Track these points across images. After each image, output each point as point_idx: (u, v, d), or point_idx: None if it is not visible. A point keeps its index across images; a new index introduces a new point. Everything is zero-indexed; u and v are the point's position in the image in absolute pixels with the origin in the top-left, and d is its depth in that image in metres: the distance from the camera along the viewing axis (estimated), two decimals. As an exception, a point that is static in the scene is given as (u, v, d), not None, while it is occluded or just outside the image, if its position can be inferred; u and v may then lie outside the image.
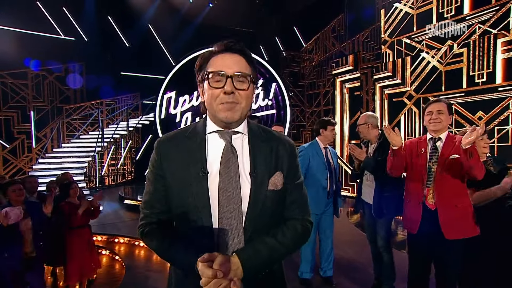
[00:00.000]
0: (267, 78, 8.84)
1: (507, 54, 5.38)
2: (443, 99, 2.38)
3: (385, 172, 2.67)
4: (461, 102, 5.99)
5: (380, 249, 2.91)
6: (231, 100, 1.09)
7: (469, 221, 2.25)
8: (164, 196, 1.17)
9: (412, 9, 7.12)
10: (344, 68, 8.47)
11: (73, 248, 3.42)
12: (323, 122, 3.39)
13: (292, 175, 1.19)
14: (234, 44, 1.15)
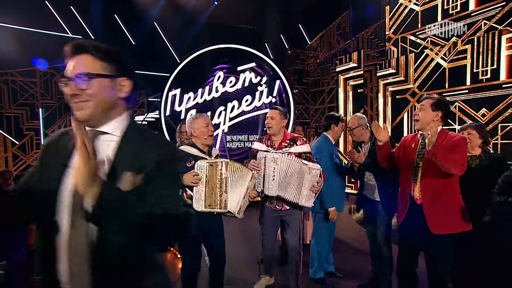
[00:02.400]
0: (271, 75, 8.88)
1: (510, 51, 5.35)
2: (431, 96, 2.42)
3: (385, 171, 2.74)
4: (464, 99, 5.98)
5: (379, 243, 2.97)
6: (77, 101, 1.16)
7: (457, 216, 2.29)
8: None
9: (417, 6, 7.10)
10: (348, 66, 8.48)
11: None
12: (335, 118, 3.47)
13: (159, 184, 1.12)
14: (76, 45, 1.21)
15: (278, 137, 2.97)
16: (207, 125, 2.66)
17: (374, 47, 9.43)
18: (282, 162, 2.71)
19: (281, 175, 2.71)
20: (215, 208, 2.43)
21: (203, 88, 8.97)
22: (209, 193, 2.43)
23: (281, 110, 3.00)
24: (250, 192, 2.66)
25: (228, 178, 2.45)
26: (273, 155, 2.77)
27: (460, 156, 2.21)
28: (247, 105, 8.91)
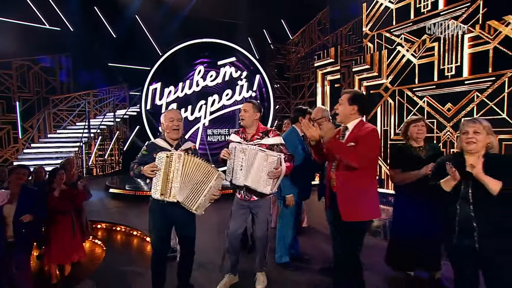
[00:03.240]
0: (251, 70, 9.07)
1: (473, 49, 5.70)
2: (349, 90, 2.55)
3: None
4: (432, 94, 6.32)
5: (338, 228, 3.21)
6: None
7: (366, 205, 2.40)
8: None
9: (392, 4, 7.39)
10: (326, 61, 8.74)
11: (53, 232, 3.68)
12: (302, 111, 3.63)
13: None
14: None
15: (251, 130, 3.07)
16: (172, 120, 2.73)
17: (352, 43, 9.75)
18: (250, 153, 2.83)
19: (247, 165, 2.83)
20: (166, 198, 2.55)
21: (184, 82, 9.09)
22: (163, 183, 2.55)
23: (254, 103, 3.09)
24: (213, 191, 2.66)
25: (181, 170, 2.54)
26: (242, 146, 2.89)
27: (360, 149, 2.30)
28: (227, 99, 9.10)
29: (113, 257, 4.25)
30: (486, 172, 2.04)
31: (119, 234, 5.25)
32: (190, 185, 2.59)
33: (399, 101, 6.92)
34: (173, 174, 2.55)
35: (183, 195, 2.58)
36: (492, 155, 2.15)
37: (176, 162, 2.55)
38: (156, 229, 2.78)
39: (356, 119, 2.49)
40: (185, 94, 9.06)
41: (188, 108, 9.06)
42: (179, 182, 2.55)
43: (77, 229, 3.90)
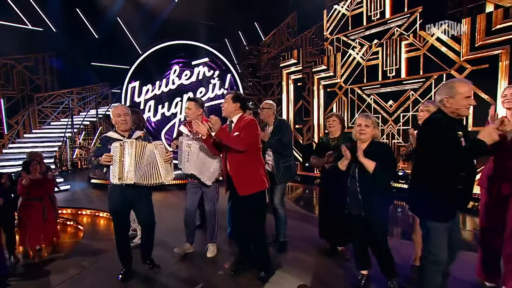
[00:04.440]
0: (223, 69, 9.38)
1: (408, 54, 6.23)
2: (232, 91, 2.97)
3: (281, 148, 3.43)
4: (377, 93, 6.84)
5: (276, 206, 3.62)
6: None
7: (255, 179, 2.85)
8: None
9: (348, 11, 7.83)
10: (290, 62, 9.15)
11: (25, 217, 3.90)
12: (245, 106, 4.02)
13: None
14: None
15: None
16: (119, 115, 2.87)
17: (315, 46, 10.18)
18: (194, 148, 3.18)
19: (193, 158, 3.18)
20: (123, 181, 2.74)
21: (161, 81, 9.34)
22: (120, 169, 2.71)
23: (197, 101, 3.41)
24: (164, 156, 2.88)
25: (133, 155, 2.74)
26: (188, 141, 3.22)
27: (244, 135, 2.73)
28: (201, 97, 9.38)
29: (91, 237, 4.53)
30: (371, 156, 2.51)
31: (98, 219, 5.54)
32: (143, 165, 2.80)
33: (351, 98, 7.42)
34: (127, 159, 2.75)
35: (138, 176, 2.78)
36: (376, 143, 2.63)
37: (128, 148, 2.75)
38: (116, 211, 2.93)
39: (238, 114, 2.91)
40: (162, 91, 9.32)
41: (165, 104, 9.32)
42: (134, 166, 2.75)
43: (49, 215, 4.08)
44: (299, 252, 3.53)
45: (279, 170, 3.52)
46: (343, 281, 2.92)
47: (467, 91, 2.13)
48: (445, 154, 2.09)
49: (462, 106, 2.13)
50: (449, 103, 2.16)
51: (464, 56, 5.40)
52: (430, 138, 2.19)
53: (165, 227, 4.07)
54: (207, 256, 3.48)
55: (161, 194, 6.72)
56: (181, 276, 3.09)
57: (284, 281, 2.93)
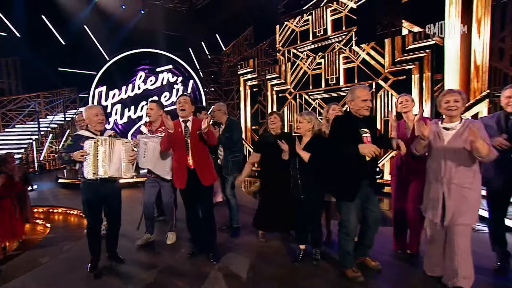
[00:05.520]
0: (186, 76, 9.34)
1: (345, 65, 6.66)
2: (188, 94, 3.14)
3: (231, 145, 3.55)
4: (322, 97, 7.22)
5: (228, 196, 3.75)
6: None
7: (213, 172, 3.10)
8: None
9: (296, 27, 8.16)
10: (247, 70, 9.33)
11: None
12: (199, 108, 4.09)
13: None
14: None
15: (156, 124, 3.41)
16: (97, 115, 2.83)
17: (269, 56, 10.48)
18: (150, 145, 3.20)
19: (149, 154, 3.22)
20: (98, 175, 2.70)
21: (127, 86, 9.07)
22: (94, 164, 2.68)
23: (158, 102, 3.44)
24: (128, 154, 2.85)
25: (108, 151, 2.73)
26: (144, 139, 3.24)
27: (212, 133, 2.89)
28: (165, 101, 9.25)
29: (56, 232, 4.36)
30: (312, 147, 2.79)
31: (63, 215, 5.30)
32: (115, 159, 2.80)
33: (299, 102, 7.75)
34: (101, 155, 2.72)
35: (112, 170, 2.76)
36: (316, 135, 2.87)
37: (102, 145, 2.73)
38: (90, 205, 2.86)
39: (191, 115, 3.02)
40: (128, 96, 9.06)
41: (131, 108, 9.07)
42: (108, 161, 2.74)
43: (18, 213, 3.92)
44: (249, 236, 3.68)
45: (228, 164, 3.65)
46: (284, 256, 3.12)
47: (364, 95, 2.46)
48: (333, 146, 2.49)
49: (361, 107, 2.46)
50: (351, 105, 2.51)
51: (387, 68, 5.91)
52: (331, 132, 2.58)
53: (130, 219, 4.03)
54: (167, 243, 3.52)
55: (130, 190, 6.57)
56: (143, 262, 3.11)
57: (234, 260, 3.06)
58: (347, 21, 6.90)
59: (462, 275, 2.26)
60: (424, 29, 5.48)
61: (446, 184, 2.30)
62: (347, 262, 2.62)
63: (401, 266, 2.82)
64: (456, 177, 2.26)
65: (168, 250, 3.37)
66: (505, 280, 2.56)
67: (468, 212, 2.24)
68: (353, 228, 2.55)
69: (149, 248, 3.43)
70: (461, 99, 2.27)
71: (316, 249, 2.97)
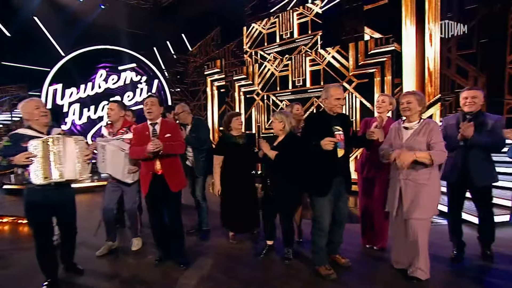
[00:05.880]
0: (151, 75, 8.95)
1: (312, 68, 6.81)
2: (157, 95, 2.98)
3: (199, 144, 3.42)
4: (289, 99, 7.30)
5: (197, 198, 3.61)
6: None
7: (182, 177, 2.91)
8: None
9: (264, 30, 8.18)
10: (214, 70, 9.19)
11: None
12: (168, 108, 3.92)
13: None
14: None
15: (118, 125, 3.12)
16: (38, 107, 2.47)
17: (236, 57, 10.42)
18: (109, 149, 2.93)
19: (108, 158, 2.94)
20: (52, 179, 2.37)
21: (86, 84, 8.46)
22: (44, 167, 2.34)
23: (119, 103, 3.17)
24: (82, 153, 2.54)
25: (62, 150, 2.41)
26: (102, 143, 2.97)
27: (178, 138, 2.77)
28: (129, 100, 8.79)
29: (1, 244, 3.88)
30: (284, 145, 2.81)
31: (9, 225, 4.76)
32: (70, 160, 2.48)
33: (267, 103, 7.77)
34: (54, 156, 2.38)
35: (68, 172, 2.46)
36: (289, 134, 2.88)
37: (55, 144, 2.40)
38: (39, 215, 2.46)
39: (160, 117, 2.83)
40: (87, 95, 8.45)
41: (91, 108, 8.47)
42: (62, 162, 2.43)
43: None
44: (220, 238, 3.57)
45: (198, 165, 3.52)
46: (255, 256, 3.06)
47: (337, 94, 2.53)
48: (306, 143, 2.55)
49: (334, 105, 2.52)
50: (325, 103, 2.57)
51: (351, 71, 6.13)
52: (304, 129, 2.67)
53: (88, 226, 3.71)
54: (132, 250, 3.29)
55: (88, 195, 6.10)
56: (105, 272, 2.86)
57: (204, 264, 2.94)
58: (313, 25, 7.06)
59: (419, 266, 2.38)
60: (385, 36, 5.76)
61: (403, 180, 2.42)
62: (320, 259, 2.65)
63: (370, 262, 2.90)
64: (411, 173, 2.37)
65: (133, 257, 3.15)
66: (460, 267, 2.73)
67: (423, 206, 2.33)
68: (326, 223, 2.59)
69: (112, 256, 3.18)
70: (414, 100, 2.40)
71: (288, 249, 2.95)
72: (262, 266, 2.88)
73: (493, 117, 2.65)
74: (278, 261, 2.93)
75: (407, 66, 5.54)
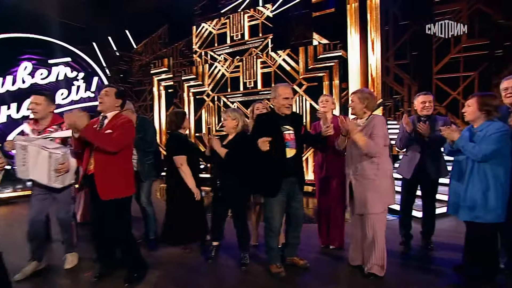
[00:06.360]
0: (89, 72, 8.08)
1: (263, 70, 6.82)
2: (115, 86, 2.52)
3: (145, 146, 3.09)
4: (240, 100, 7.20)
5: (143, 204, 3.25)
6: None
7: (122, 183, 2.32)
8: None
9: (214, 30, 7.97)
10: (161, 69, 8.69)
11: None
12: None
13: None
14: None
15: (45, 122, 2.64)
16: None
17: (185, 57, 10.01)
18: (32, 150, 2.42)
19: (30, 161, 2.43)
20: None
21: (4, 78, 7.23)
22: None
23: (47, 95, 2.66)
24: None
25: None
26: (23, 143, 2.44)
27: (117, 136, 2.23)
28: (62, 99, 7.80)
29: None
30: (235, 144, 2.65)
31: None
32: None
33: (217, 105, 7.56)
34: None
35: None
36: (241, 133, 2.76)
37: None
38: None
39: (115, 111, 2.39)
40: (6, 90, 7.23)
41: (11, 105, 7.27)
42: None
43: None
44: (170, 248, 3.23)
45: (144, 168, 3.16)
46: (210, 265, 2.84)
47: (285, 93, 2.49)
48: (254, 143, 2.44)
49: (282, 105, 2.47)
50: (274, 102, 2.52)
51: (301, 75, 6.27)
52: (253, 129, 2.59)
53: (10, 243, 3.08)
54: (65, 268, 2.79)
55: (7, 208, 5.19)
56: (28, 297, 2.36)
57: (153, 277, 2.61)
58: (263, 28, 7.08)
59: (374, 262, 2.40)
60: (332, 42, 6.01)
61: (353, 176, 2.47)
62: (271, 257, 2.61)
63: (328, 261, 2.89)
64: (359, 169, 2.42)
65: (66, 277, 2.67)
66: (407, 258, 2.90)
67: (374, 202, 2.36)
68: (276, 224, 2.54)
69: (37, 279, 2.63)
70: (356, 99, 2.49)
71: (244, 253, 2.79)
72: (218, 274, 2.69)
73: (441, 119, 2.91)
74: (235, 267, 2.75)
75: (353, 72, 5.85)
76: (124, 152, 2.35)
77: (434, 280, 2.43)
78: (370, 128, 2.38)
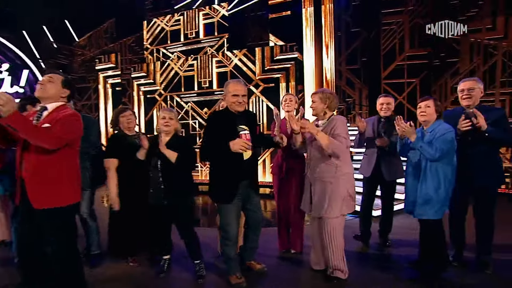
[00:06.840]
0: (17, 64, 7.07)
1: (218, 69, 6.62)
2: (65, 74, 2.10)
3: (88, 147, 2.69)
4: (195, 100, 6.89)
5: (83, 215, 2.82)
6: None
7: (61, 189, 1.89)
8: None
9: (166, 26, 7.54)
10: (107, 66, 7.99)
11: None
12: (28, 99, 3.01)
13: None
14: None
15: None
16: None
17: (135, 53, 9.35)
18: None
19: None
20: None
21: None
22: None
23: None
24: None
25: None
26: None
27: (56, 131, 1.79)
28: (-17, 93, 6.69)
29: None
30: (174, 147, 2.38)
31: None
32: None
33: (170, 104, 7.16)
34: None
35: None
36: (179, 136, 2.57)
37: None
38: None
39: (59, 103, 1.95)
40: None
41: None
42: None
43: None
44: (116, 262, 2.86)
45: (85, 174, 2.75)
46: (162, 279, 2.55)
47: (235, 90, 2.32)
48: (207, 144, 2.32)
49: (231, 103, 2.31)
50: (225, 100, 2.36)
51: (258, 76, 6.20)
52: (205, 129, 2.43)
53: None
54: None
55: None
56: None
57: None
58: (219, 27, 6.89)
59: (337, 266, 2.35)
60: (288, 44, 6.03)
61: (311, 178, 2.42)
62: (231, 268, 2.41)
63: (287, 266, 2.78)
64: (317, 171, 2.37)
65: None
66: (367, 257, 2.96)
67: (331, 205, 2.30)
68: (233, 232, 2.34)
69: None
70: (318, 99, 2.43)
71: (198, 264, 2.54)
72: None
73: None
74: (190, 281, 2.50)
75: (308, 75, 5.94)
76: (67, 152, 1.91)
77: (393, 277, 2.46)
78: (331, 129, 2.34)
